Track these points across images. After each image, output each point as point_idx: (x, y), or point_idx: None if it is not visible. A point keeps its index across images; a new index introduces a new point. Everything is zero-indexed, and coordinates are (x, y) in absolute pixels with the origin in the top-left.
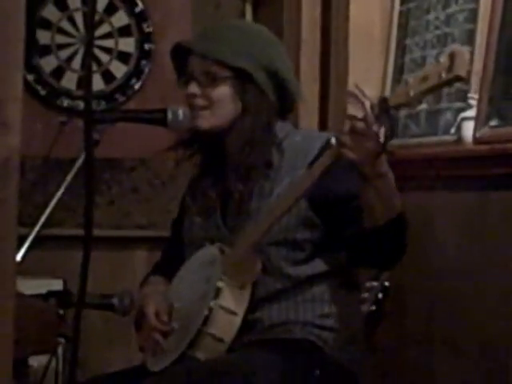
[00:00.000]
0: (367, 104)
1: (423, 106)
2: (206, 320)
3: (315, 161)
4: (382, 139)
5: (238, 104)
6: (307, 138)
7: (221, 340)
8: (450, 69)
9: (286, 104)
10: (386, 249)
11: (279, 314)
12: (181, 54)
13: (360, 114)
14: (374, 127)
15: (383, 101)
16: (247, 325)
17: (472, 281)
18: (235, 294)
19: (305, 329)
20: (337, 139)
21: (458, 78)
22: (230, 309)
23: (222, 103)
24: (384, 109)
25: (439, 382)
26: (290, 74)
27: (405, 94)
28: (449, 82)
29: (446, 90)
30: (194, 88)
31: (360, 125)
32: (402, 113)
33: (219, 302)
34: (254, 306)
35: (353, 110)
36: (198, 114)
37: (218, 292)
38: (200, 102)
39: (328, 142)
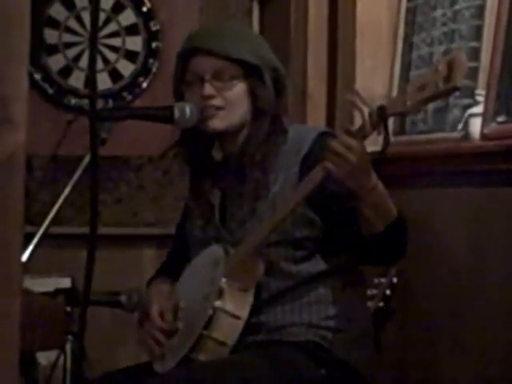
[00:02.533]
0: (366, 112)
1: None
2: (209, 323)
3: (307, 157)
4: (381, 146)
5: (248, 102)
6: (298, 134)
7: (223, 344)
8: (447, 79)
9: (282, 98)
10: (386, 250)
11: (283, 317)
12: (184, 56)
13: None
14: (358, 145)
15: (381, 109)
16: (251, 328)
17: (481, 278)
18: (238, 296)
19: (310, 330)
20: (324, 156)
21: (455, 89)
22: (232, 312)
23: (238, 102)
24: (382, 117)
25: (445, 379)
26: (284, 70)
27: (402, 103)
28: (446, 93)
29: None
30: (210, 89)
31: (350, 141)
32: None
33: (222, 306)
34: (257, 308)
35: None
36: (214, 114)
37: (220, 294)
38: (217, 102)
39: (319, 135)
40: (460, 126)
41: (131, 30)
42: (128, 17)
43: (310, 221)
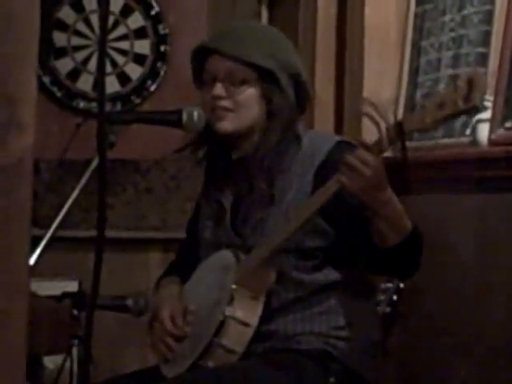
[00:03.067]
0: (383, 127)
1: None
2: (218, 331)
3: (322, 167)
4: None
5: (262, 106)
6: (314, 141)
7: (232, 351)
8: (467, 98)
9: (302, 105)
10: (400, 264)
11: (294, 326)
12: (199, 54)
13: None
14: (373, 160)
15: (398, 125)
16: (261, 336)
17: (488, 283)
18: (248, 304)
19: (320, 339)
20: (339, 169)
21: (476, 109)
22: (242, 320)
23: (248, 105)
24: (399, 133)
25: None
26: (306, 76)
27: (421, 120)
28: (465, 112)
29: None
30: (219, 90)
31: (366, 155)
32: None
33: (232, 313)
34: (268, 317)
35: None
36: (223, 116)
37: (231, 301)
38: (226, 103)
39: (336, 144)
40: (468, 132)
41: (140, 33)
42: (136, 20)
43: (322, 231)
